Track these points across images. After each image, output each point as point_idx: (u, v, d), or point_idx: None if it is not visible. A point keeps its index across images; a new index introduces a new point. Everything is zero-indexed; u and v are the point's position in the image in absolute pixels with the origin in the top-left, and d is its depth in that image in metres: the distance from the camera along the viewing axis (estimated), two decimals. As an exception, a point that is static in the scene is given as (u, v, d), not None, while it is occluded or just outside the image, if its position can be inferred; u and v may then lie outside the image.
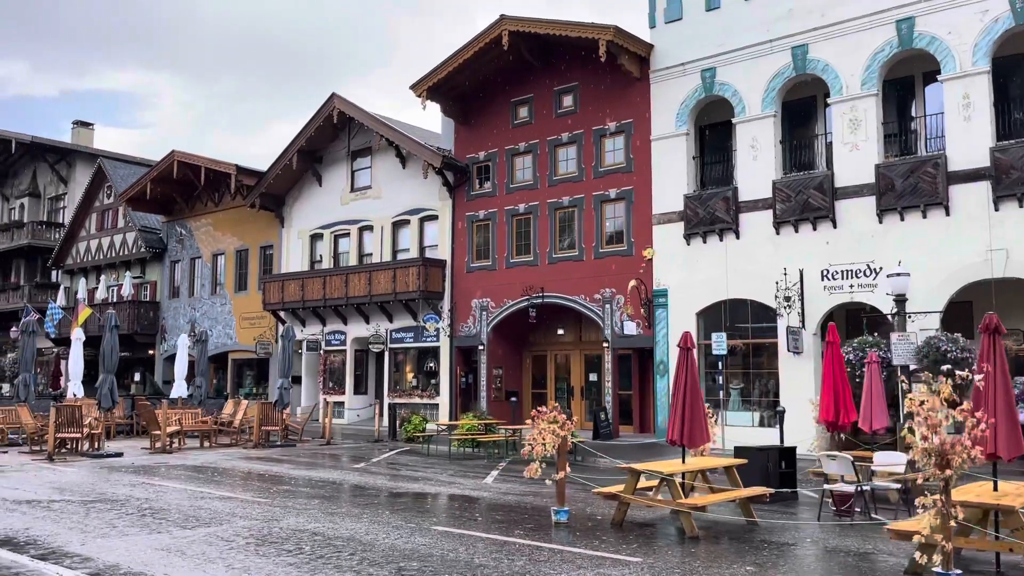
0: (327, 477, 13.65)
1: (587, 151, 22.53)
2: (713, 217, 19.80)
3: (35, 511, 9.83)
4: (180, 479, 13.06)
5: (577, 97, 22.92)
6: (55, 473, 13.72)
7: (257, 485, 12.48)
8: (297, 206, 30.04)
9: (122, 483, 12.47)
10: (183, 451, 17.74)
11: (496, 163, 24.48)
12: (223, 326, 31.70)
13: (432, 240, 26.09)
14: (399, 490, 12.24)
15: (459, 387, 24.88)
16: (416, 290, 24.79)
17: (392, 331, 26.61)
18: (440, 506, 10.77)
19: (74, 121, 42.70)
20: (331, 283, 27.31)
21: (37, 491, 11.54)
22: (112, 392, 16.76)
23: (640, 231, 21.29)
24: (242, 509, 10.08)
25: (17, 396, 18.44)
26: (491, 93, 24.65)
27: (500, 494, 11.79)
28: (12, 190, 43.66)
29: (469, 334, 24.58)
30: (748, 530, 9.08)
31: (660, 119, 21.10)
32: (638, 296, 20.75)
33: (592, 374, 23.83)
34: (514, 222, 23.99)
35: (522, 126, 24.03)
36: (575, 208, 22.69)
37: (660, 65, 21.16)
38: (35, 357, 18.93)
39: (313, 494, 11.64)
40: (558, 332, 24.28)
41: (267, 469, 14.70)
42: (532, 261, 23.40)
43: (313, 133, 27.89)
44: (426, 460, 16.95)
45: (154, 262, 35.40)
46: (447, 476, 14.01)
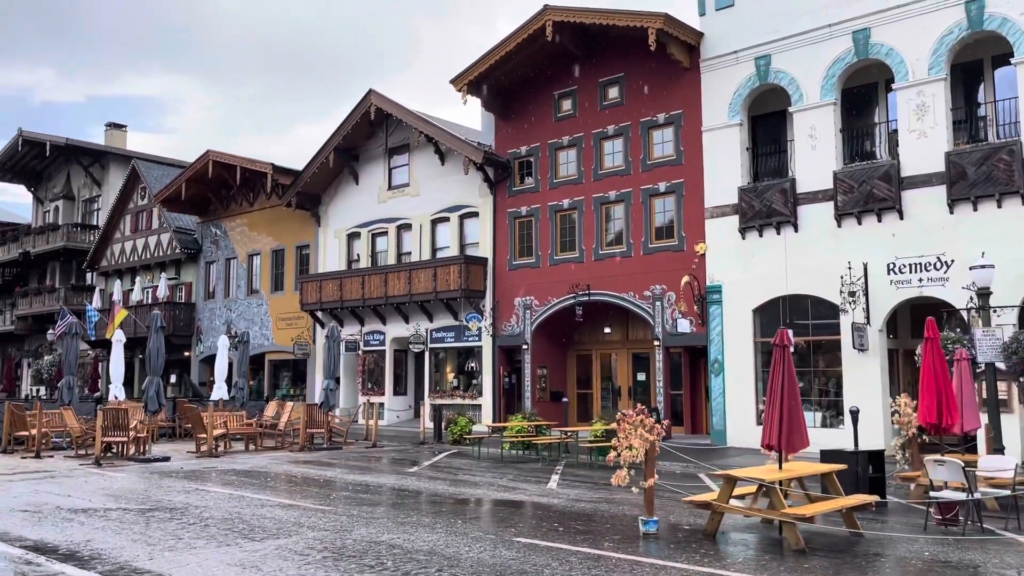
0: (384, 482, 13.14)
1: (634, 144, 21.88)
2: (770, 210, 19.06)
3: (93, 520, 9.40)
4: (234, 485, 12.61)
5: (623, 88, 22.27)
6: (105, 479, 13.34)
7: (315, 491, 12.00)
8: (333, 205, 29.65)
9: (175, 489, 12.04)
10: (230, 455, 17.34)
11: (538, 158, 23.89)
12: (259, 327, 31.39)
13: (473, 238, 25.56)
14: (463, 496, 11.70)
15: (502, 387, 24.34)
16: (457, 288, 24.27)
17: (432, 331, 26.11)
18: (513, 514, 10.20)
19: (107, 123, 42.70)
20: (370, 282, 26.87)
21: (91, 498, 11.13)
22: (159, 395, 16.39)
23: (691, 225, 20.61)
24: (307, 518, 9.58)
25: (61, 399, 18.14)
26: (533, 86, 24.07)
27: (570, 501, 11.20)
28: (47, 193, 43.78)
29: (512, 333, 24.02)
30: (853, 542, 8.42)
31: (712, 109, 20.40)
32: (691, 292, 20.06)
33: (640, 373, 23.17)
34: (558, 218, 23.39)
35: (565, 119, 23.42)
36: (622, 203, 22.04)
37: (711, 54, 20.46)
38: (78, 359, 18.62)
39: (375, 500, 11.12)
40: (604, 331, 23.65)
41: (320, 474, 14.22)
42: (577, 258, 22.79)
43: (350, 130, 27.48)
44: (478, 463, 16.41)
45: (189, 263, 35.21)
46: (507, 481, 13.45)
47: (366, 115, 27.00)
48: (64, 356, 18.27)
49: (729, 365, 19.66)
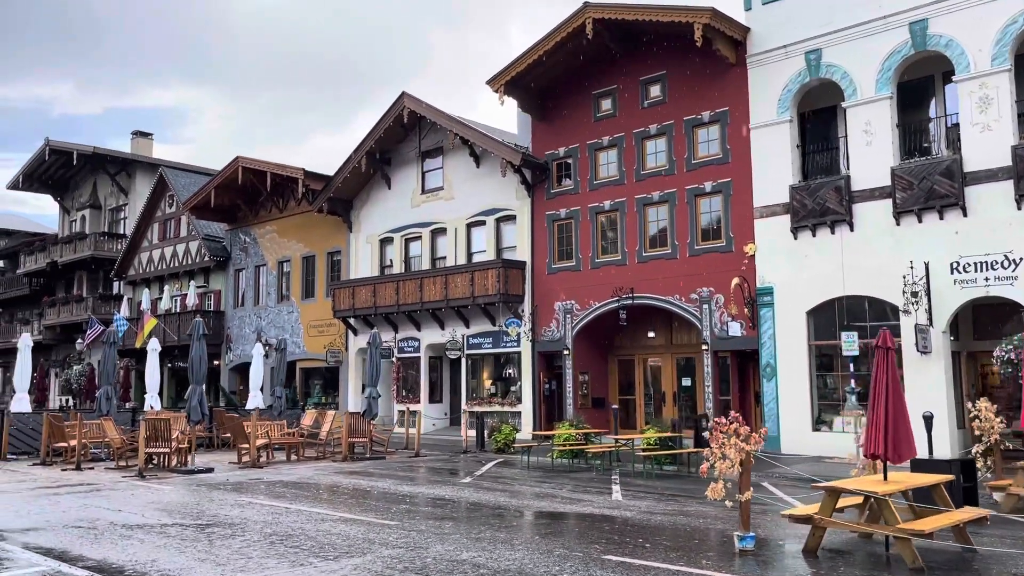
0: (440, 494, 12.63)
1: (678, 143, 21.32)
2: (824, 208, 18.43)
3: (152, 538, 8.94)
4: (287, 498, 12.14)
5: (665, 86, 21.73)
6: (152, 492, 12.91)
7: (373, 504, 11.50)
8: (365, 210, 29.27)
9: (228, 503, 11.58)
10: (272, 465, 16.90)
11: (578, 159, 23.38)
12: (290, 334, 31.03)
13: (510, 241, 25.07)
14: (528, 509, 11.16)
15: (543, 394, 23.79)
16: (495, 293, 23.77)
17: (468, 336, 25.62)
18: (589, 528, 9.64)
19: (133, 131, 42.64)
20: (404, 288, 26.44)
21: (143, 513, 10.69)
22: (201, 404, 15.97)
23: (740, 225, 20.01)
24: (375, 534, 9.07)
25: (99, 409, 17.78)
26: (571, 86, 23.57)
27: (643, 514, 10.63)
28: (73, 203, 43.76)
29: (552, 338, 23.47)
30: (968, 559, 7.81)
31: (760, 106, 19.82)
32: (741, 294, 19.45)
33: (685, 378, 22.55)
34: (599, 220, 22.85)
35: (605, 119, 22.90)
36: (666, 203, 21.48)
37: (758, 49, 19.88)
38: (116, 369, 18.27)
39: (439, 514, 10.61)
40: (648, 335, 23.05)
41: (372, 485, 13.73)
42: (619, 260, 22.23)
43: (382, 134, 27.11)
44: (529, 473, 15.86)
45: (218, 271, 34.96)
46: (567, 492, 12.90)
47: (398, 118, 26.63)
48: (102, 365, 17.91)
49: (782, 369, 19.01)
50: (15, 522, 10.01)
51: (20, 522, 10.01)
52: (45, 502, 11.71)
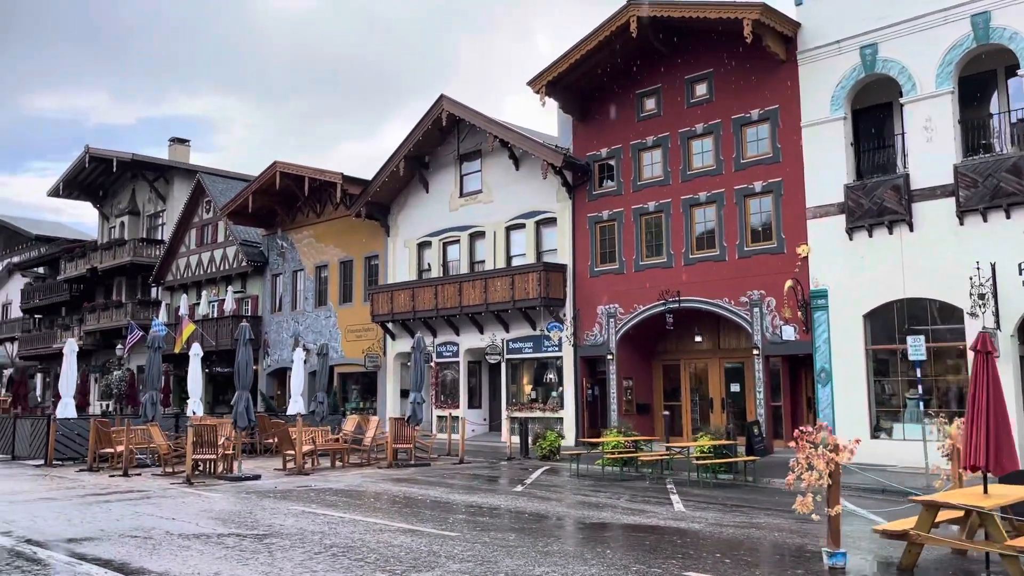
0: (495, 503, 12.26)
1: (726, 142, 20.81)
2: (881, 208, 17.82)
3: (211, 548, 8.68)
4: (339, 507, 11.85)
5: (712, 85, 21.24)
6: (202, 499, 12.70)
7: (428, 514, 11.16)
8: (403, 214, 29.07)
9: (280, 512, 11.32)
10: (319, 472, 16.66)
11: (621, 160, 22.96)
12: (328, 339, 30.88)
13: (550, 244, 24.70)
14: (590, 520, 10.75)
15: (585, 400, 23.36)
16: (537, 297, 23.39)
17: (508, 341, 25.27)
18: (660, 542, 9.22)
19: (170, 138, 42.98)
20: (443, 292, 26.16)
21: (197, 522, 10.46)
22: (248, 410, 15.77)
23: (792, 226, 19.45)
24: (438, 546, 8.73)
25: (144, 415, 17.67)
26: (613, 85, 23.17)
27: (712, 526, 10.18)
28: (112, 209, 44.17)
29: (595, 343, 23.04)
30: (1079, 577, 7.27)
31: (811, 103, 19.26)
32: (794, 297, 18.88)
33: (733, 384, 21.99)
34: (643, 222, 22.39)
35: (649, 119, 22.46)
36: (713, 204, 20.97)
37: (810, 45, 19.33)
38: (161, 374, 18.16)
39: (500, 525, 10.24)
40: (695, 339, 22.51)
41: (423, 493, 13.41)
42: (665, 263, 21.75)
43: (420, 138, 26.91)
44: (580, 481, 15.45)
45: (255, 276, 34.99)
46: (625, 502, 12.47)
47: (437, 121, 26.40)
48: (147, 371, 17.80)
49: (838, 374, 18.41)
50: (70, 531, 9.82)
51: (75, 531, 9.82)
52: (97, 510, 11.54)
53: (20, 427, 19.63)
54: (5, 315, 52.94)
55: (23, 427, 19.57)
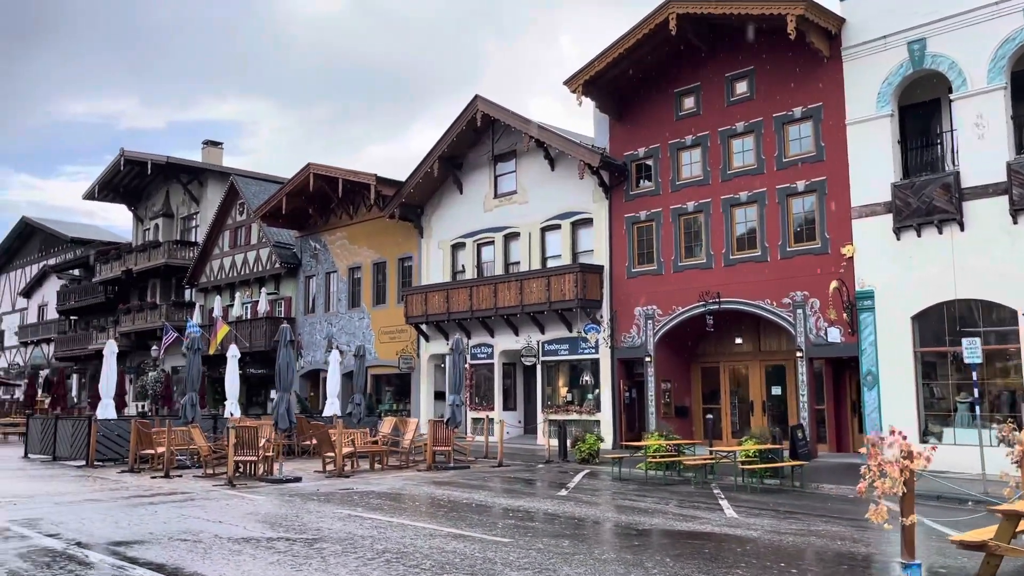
0: (542, 507, 12.06)
1: (767, 141, 20.45)
2: (930, 207, 17.36)
3: (262, 553, 8.57)
4: (385, 510, 11.72)
5: (753, 82, 20.89)
6: (246, 502, 12.64)
7: (476, 518, 10.99)
8: (437, 215, 28.99)
9: (327, 515, 11.21)
10: (359, 474, 16.57)
11: (658, 159, 22.66)
12: (361, 340, 30.87)
13: (586, 245, 24.45)
14: (641, 525, 10.51)
15: (623, 402, 23.07)
16: (573, 298, 23.16)
17: (544, 343, 25.06)
18: (720, 550, 8.96)
19: (204, 141, 43.34)
20: (478, 293, 26.02)
21: (244, 525, 10.37)
22: (289, 412, 15.72)
23: (836, 226, 19.04)
24: (492, 552, 8.55)
25: (184, 416, 17.71)
26: (651, 84, 22.89)
27: (770, 533, 9.90)
28: (146, 211, 44.62)
29: (633, 345, 22.75)
30: None
31: (856, 100, 18.85)
32: (840, 298, 18.47)
33: (774, 387, 21.59)
34: (681, 222, 22.08)
35: (688, 118, 22.14)
36: (754, 204, 20.61)
37: (855, 40, 18.92)
38: (200, 375, 18.19)
39: (551, 531, 10.04)
40: (736, 341, 22.16)
41: (467, 497, 13.24)
42: (704, 264, 21.42)
43: (454, 139, 26.80)
44: (624, 485, 15.20)
45: (288, 278, 35.12)
46: (675, 507, 12.21)
47: (471, 122, 26.27)
48: (186, 372, 17.85)
49: (884, 377, 17.97)
50: (118, 533, 9.78)
51: (123, 534, 9.77)
52: (143, 512, 11.51)
53: (61, 428, 19.78)
54: (41, 317, 53.70)
55: (64, 428, 19.72)
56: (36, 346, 53.37)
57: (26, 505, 12.32)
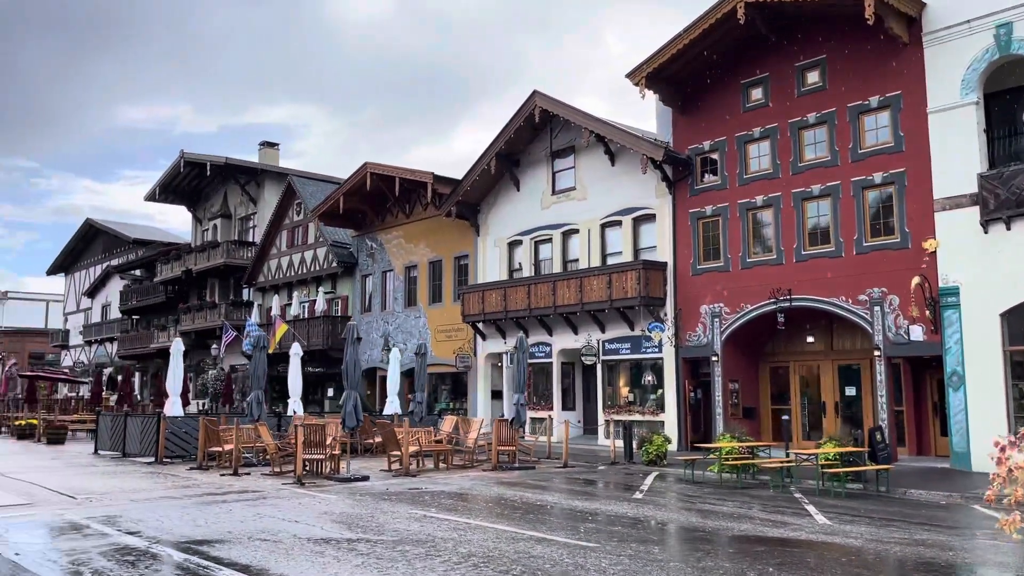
0: (620, 511, 11.66)
1: (841, 132, 19.70)
2: (1020, 199, 16.48)
3: (344, 555, 8.35)
4: (459, 511, 11.45)
5: (825, 72, 20.15)
6: (318, 501, 12.50)
7: (556, 521, 10.64)
8: (493, 213, 28.73)
9: (401, 516, 10.98)
10: (425, 473, 16.37)
11: (725, 152, 22.04)
12: (417, 339, 30.79)
13: (649, 242, 23.92)
14: (730, 531, 10.04)
15: (688, 403, 22.50)
16: (636, 296, 22.66)
17: (604, 341, 24.61)
18: (823, 559, 8.46)
19: (260, 142, 43.82)
20: (536, 292, 25.67)
21: (321, 525, 10.19)
22: (356, 410, 15.58)
23: (917, 219, 18.23)
24: (582, 558, 8.19)
25: (250, 414, 17.72)
26: (716, 76, 22.27)
27: (873, 542, 9.35)
28: (205, 212, 45.31)
29: (698, 344, 22.17)
30: None
31: (938, 88, 18.01)
32: (922, 295, 17.66)
33: (848, 387, 20.82)
34: (749, 217, 21.43)
35: (756, 109, 21.48)
36: (828, 197, 19.88)
37: (937, 25, 18.09)
38: (266, 373, 18.18)
39: (638, 536, 9.64)
40: (807, 340, 21.43)
41: (541, 499, 12.91)
42: (774, 260, 20.75)
43: (512, 135, 26.51)
44: (699, 488, 14.71)
45: (345, 277, 35.24)
46: (760, 512, 11.70)
47: (529, 118, 25.95)
48: (252, 370, 17.87)
49: (971, 378, 17.12)
50: (197, 532, 9.67)
51: (202, 532, 9.66)
52: (218, 510, 11.42)
53: (131, 425, 20.01)
54: (105, 316, 54.99)
55: (133, 425, 19.94)
56: (100, 345, 54.70)
57: (102, 501, 12.36)
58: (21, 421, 27.88)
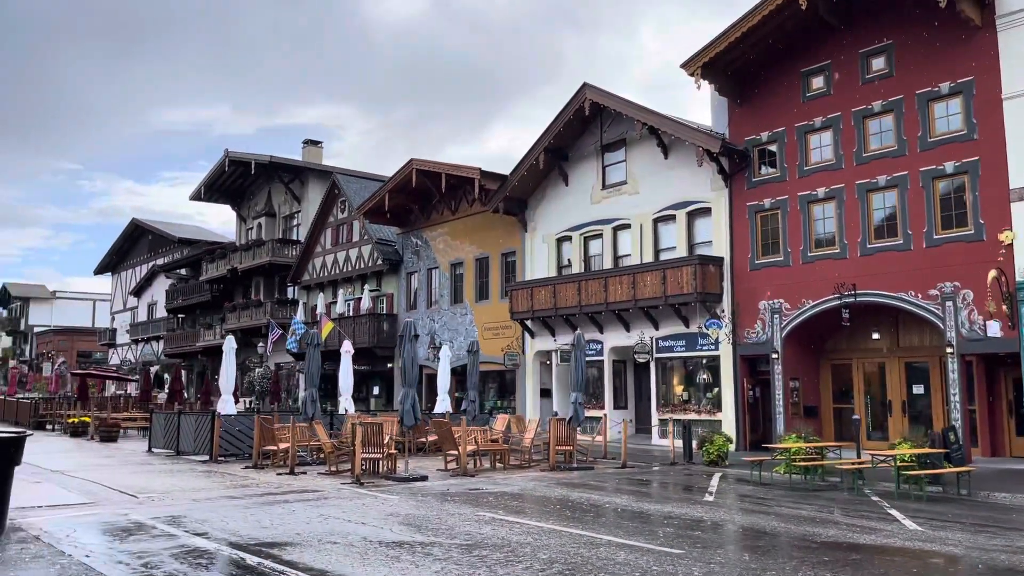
0: (695, 515, 11.19)
1: (909, 120, 18.94)
2: (1107, 187, 15.64)
3: (422, 560, 8.02)
4: (527, 514, 11.09)
5: (891, 58, 19.40)
6: (380, 501, 12.22)
7: (631, 525, 10.22)
8: (541, 208, 28.33)
9: (469, 518, 10.64)
10: (483, 473, 16.05)
11: (784, 143, 21.37)
12: (464, 337, 30.53)
13: (704, 236, 23.33)
14: (819, 537, 9.52)
15: (746, 402, 21.88)
16: (691, 292, 22.10)
17: (658, 339, 24.07)
18: (926, 570, 7.93)
19: (304, 140, 43.91)
20: (587, 288, 25.21)
21: (391, 528, 9.89)
22: (415, 408, 15.31)
23: (991, 210, 17.44)
24: (672, 566, 7.76)
25: (304, 412, 17.56)
26: (775, 64, 21.61)
27: (978, 551, 8.78)
28: (249, 211, 45.59)
29: (757, 341, 21.53)
30: None
31: (1014, 73, 17.23)
32: (999, 289, 16.88)
33: (915, 385, 20.05)
34: (810, 209, 20.74)
35: (817, 98, 20.78)
36: (895, 188, 19.13)
37: (1013, 7, 17.31)
38: (320, 371, 18.00)
39: (720, 541, 9.19)
40: (872, 336, 20.70)
41: (608, 501, 12.49)
42: (838, 253, 20.05)
43: (561, 129, 26.08)
44: (769, 490, 14.17)
45: (390, 274, 35.11)
46: (841, 516, 11.15)
47: (579, 111, 25.49)
48: (306, 367, 17.71)
49: (1053, 376, 16.32)
50: (264, 534, 9.43)
51: (269, 534, 9.41)
52: (281, 511, 11.20)
53: (184, 423, 20.00)
54: (151, 315, 55.74)
55: (187, 423, 19.93)
56: (146, 343, 55.44)
57: (164, 501, 12.23)
58: (74, 419, 28.18)
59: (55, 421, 31.93)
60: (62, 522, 10.23)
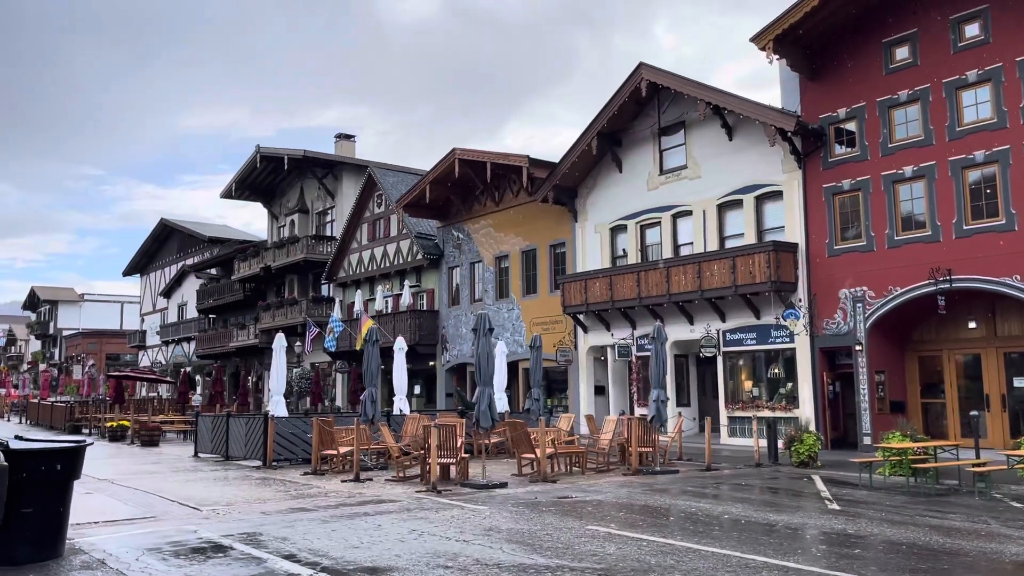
0: (829, 526, 9.89)
1: (1009, 90, 17.49)
2: None
3: (558, 590, 6.78)
4: (641, 527, 9.83)
5: (987, 23, 17.95)
6: (469, 513, 11.02)
7: (769, 540, 8.94)
8: (592, 197, 27.04)
9: (581, 533, 9.40)
10: (563, 478, 14.80)
11: (864, 120, 19.95)
12: (511, 333, 29.34)
13: (775, 221, 21.97)
14: (997, 555, 8.19)
15: (826, 397, 20.49)
16: (765, 281, 20.76)
17: (725, 332, 22.72)
18: None
19: (337, 134, 42.92)
20: (646, 279, 23.91)
21: (500, 547, 8.66)
22: (492, 409, 14.10)
23: (1110, 185, 15.94)
24: (862, 596, 6.47)
25: (364, 414, 16.40)
26: (853, 36, 20.20)
27: None
28: (280, 208, 44.65)
29: (837, 332, 20.15)
30: None
31: None
32: (1124, 271, 15.39)
33: (1017, 378, 18.57)
34: (895, 190, 19.32)
35: (901, 70, 19.36)
36: (994, 163, 17.69)
37: None
38: (379, 370, 16.83)
39: (896, 564, 7.88)
40: (967, 325, 19.25)
41: (719, 510, 11.21)
42: (929, 236, 18.63)
43: (615, 112, 24.77)
44: (888, 495, 12.81)
45: (430, 269, 33.98)
46: (1003, 528, 9.80)
47: (635, 92, 24.17)
48: (365, 366, 16.55)
49: None
50: (359, 556, 8.24)
51: (364, 556, 8.22)
52: (365, 525, 10.02)
53: (234, 426, 18.93)
54: (181, 316, 55.01)
55: (236, 426, 18.85)
56: (177, 344, 54.74)
57: (230, 514, 11.11)
58: (112, 423, 27.28)
59: (91, 425, 31.09)
60: (125, 541, 9.12)
